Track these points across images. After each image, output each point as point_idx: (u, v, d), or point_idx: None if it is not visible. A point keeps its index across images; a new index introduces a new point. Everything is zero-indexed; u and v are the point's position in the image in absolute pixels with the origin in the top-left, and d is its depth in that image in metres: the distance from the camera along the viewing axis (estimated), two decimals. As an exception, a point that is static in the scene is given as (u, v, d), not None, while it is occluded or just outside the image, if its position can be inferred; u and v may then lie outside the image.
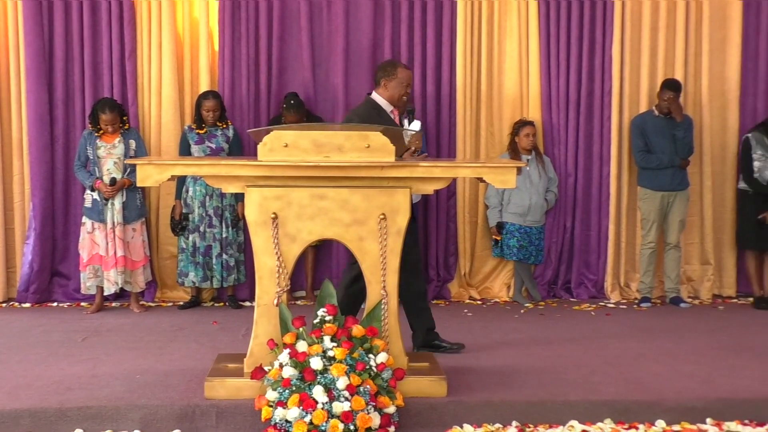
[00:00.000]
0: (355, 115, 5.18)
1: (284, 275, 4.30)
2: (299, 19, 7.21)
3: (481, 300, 7.34)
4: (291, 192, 4.30)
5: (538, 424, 4.24)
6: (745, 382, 4.68)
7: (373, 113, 5.11)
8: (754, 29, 7.51)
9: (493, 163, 4.48)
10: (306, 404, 3.86)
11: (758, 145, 7.05)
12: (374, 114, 5.10)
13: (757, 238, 7.16)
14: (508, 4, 7.32)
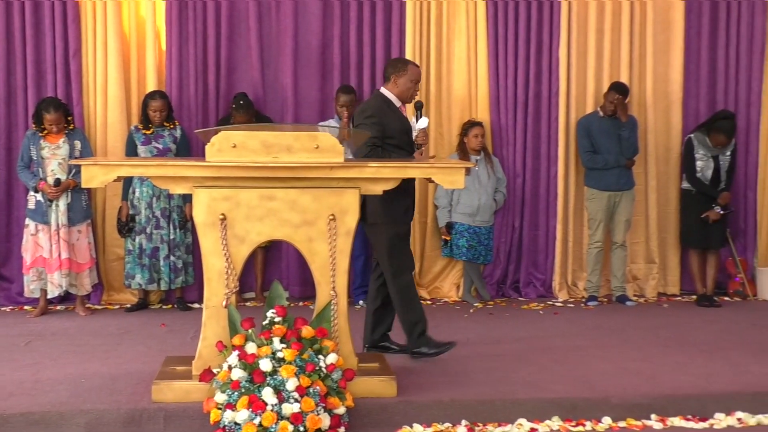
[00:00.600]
0: (368, 107, 5.15)
1: (233, 277, 4.27)
2: (248, 19, 7.17)
3: (430, 300, 7.36)
4: (239, 193, 4.27)
5: (488, 423, 4.27)
6: (689, 379, 4.77)
7: (384, 106, 5.13)
8: (695, 32, 7.66)
9: (441, 164, 4.51)
10: (255, 406, 3.84)
11: (700, 145, 7.18)
12: (385, 108, 5.12)
13: (700, 237, 7.29)
14: (457, 5, 7.36)
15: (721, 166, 7.22)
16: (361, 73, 7.27)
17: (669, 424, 4.30)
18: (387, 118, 5.08)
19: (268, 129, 4.79)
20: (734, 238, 7.62)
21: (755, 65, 7.68)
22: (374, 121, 5.02)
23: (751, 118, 7.70)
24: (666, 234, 7.71)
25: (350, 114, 6.83)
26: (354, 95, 6.89)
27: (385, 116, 5.07)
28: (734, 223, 7.66)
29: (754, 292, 7.61)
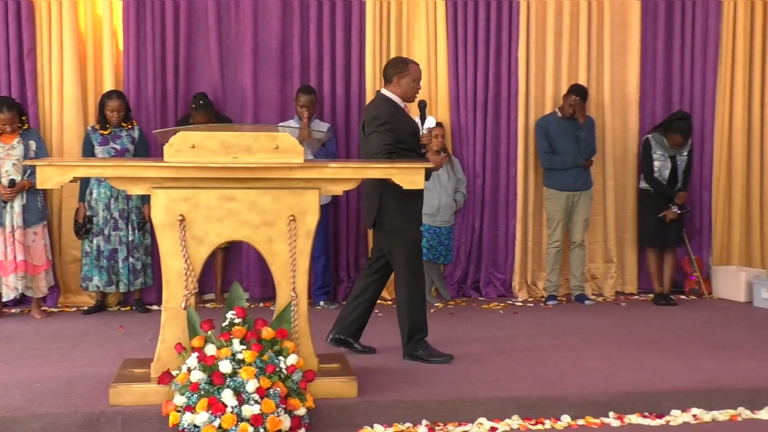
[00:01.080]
0: (381, 112, 5.05)
1: (192, 278, 4.24)
2: (207, 19, 7.12)
3: (391, 300, 7.34)
4: (198, 193, 4.24)
5: (448, 423, 4.28)
6: (646, 376, 4.83)
7: (392, 110, 5.08)
8: (651, 34, 7.76)
9: (401, 164, 4.51)
10: (215, 408, 3.81)
11: (658, 145, 7.28)
12: (395, 112, 5.08)
13: (658, 236, 7.39)
14: (417, 6, 7.38)
15: (678, 166, 7.32)
16: (321, 74, 7.26)
17: (626, 422, 4.35)
18: (398, 123, 5.03)
19: (228, 129, 4.76)
20: (690, 238, 7.74)
21: (709, 67, 7.81)
22: (388, 127, 4.97)
23: (706, 118, 7.83)
24: (624, 233, 7.80)
25: (310, 114, 6.81)
26: (314, 95, 6.87)
27: (396, 121, 5.02)
28: (690, 222, 7.78)
29: (709, 290, 7.73)
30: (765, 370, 4.99)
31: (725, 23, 7.78)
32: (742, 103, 7.84)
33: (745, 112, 7.85)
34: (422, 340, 5.12)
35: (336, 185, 4.40)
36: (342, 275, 7.35)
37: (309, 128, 6.65)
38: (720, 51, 7.80)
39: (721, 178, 7.88)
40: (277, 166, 4.24)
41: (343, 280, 7.33)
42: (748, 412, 4.47)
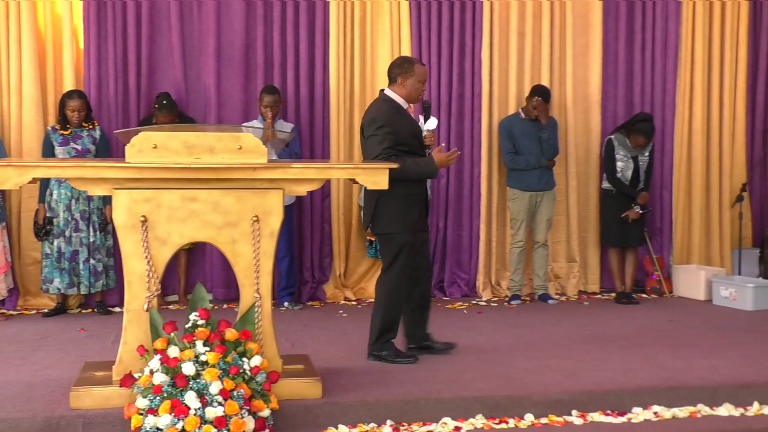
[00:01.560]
0: (379, 115, 5.02)
1: (154, 279, 4.20)
2: (169, 18, 7.07)
3: (356, 300, 7.37)
4: (161, 194, 4.21)
5: (412, 422, 4.29)
6: (608, 375, 4.88)
7: (393, 111, 5.03)
8: (613, 36, 7.84)
9: (365, 165, 4.51)
10: (178, 411, 3.77)
11: (620, 146, 7.35)
12: (394, 112, 5.03)
13: (620, 235, 7.46)
14: (381, 6, 7.39)
15: (640, 167, 7.40)
16: (285, 74, 7.23)
17: (589, 420, 4.39)
18: (398, 125, 4.98)
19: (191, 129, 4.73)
20: (651, 237, 7.83)
21: (669, 68, 7.91)
22: (386, 131, 4.93)
23: (666, 119, 7.92)
24: (586, 233, 7.87)
25: (274, 114, 6.79)
26: (278, 96, 6.85)
27: (396, 123, 4.97)
28: (651, 222, 7.87)
29: (670, 289, 7.82)
30: (724, 367, 5.06)
31: (684, 26, 7.88)
32: (701, 104, 7.94)
33: (704, 113, 7.96)
34: (389, 341, 5.12)
35: (300, 186, 4.38)
36: (306, 276, 7.33)
37: (273, 128, 6.63)
38: (680, 53, 7.91)
39: (681, 179, 7.98)
40: (241, 166, 4.22)
41: (308, 280, 7.32)
42: (707, 408, 4.53)
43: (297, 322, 6.34)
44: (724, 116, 8.01)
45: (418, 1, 7.40)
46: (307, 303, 7.21)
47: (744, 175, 8.10)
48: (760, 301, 7.10)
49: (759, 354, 5.43)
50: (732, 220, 8.02)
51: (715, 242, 8.06)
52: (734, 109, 8.05)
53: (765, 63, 8.15)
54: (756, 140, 8.23)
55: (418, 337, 5.31)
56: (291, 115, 7.23)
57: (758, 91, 8.19)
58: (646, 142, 7.33)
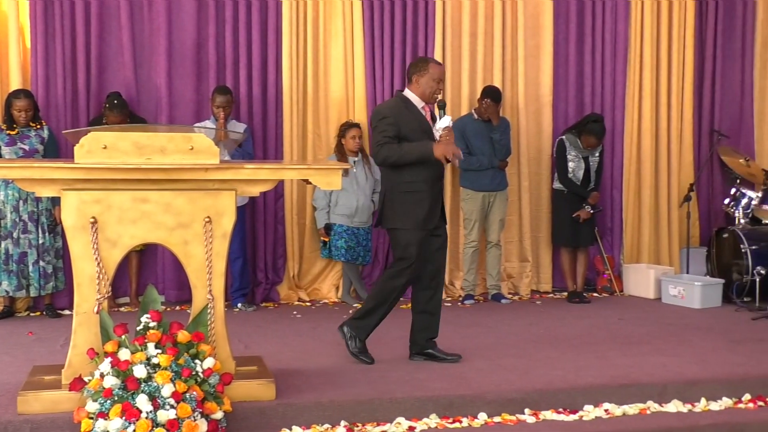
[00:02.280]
0: (383, 108, 5.05)
1: (105, 282, 4.15)
2: (119, 17, 6.98)
3: (310, 301, 7.35)
4: (111, 195, 4.16)
5: (366, 423, 4.30)
6: (560, 373, 4.93)
7: (401, 106, 5.02)
8: (564, 37, 7.93)
9: (318, 165, 4.51)
10: (129, 414, 3.73)
11: (572, 146, 7.43)
12: (402, 107, 5.02)
13: (571, 235, 7.54)
14: (334, 6, 7.38)
15: (591, 167, 7.49)
16: (237, 74, 7.19)
17: (541, 418, 4.43)
18: (403, 118, 4.97)
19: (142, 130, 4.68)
20: (602, 237, 7.93)
21: (619, 70, 8.01)
22: (389, 121, 4.94)
23: (616, 120, 8.03)
24: (538, 233, 7.95)
25: (227, 115, 6.75)
26: (230, 96, 6.81)
27: (400, 116, 4.96)
28: (601, 221, 7.97)
29: (620, 287, 7.93)
30: (672, 364, 5.15)
31: (633, 28, 8.00)
32: (650, 105, 8.07)
33: (653, 113, 8.09)
34: (360, 334, 5.11)
35: (252, 186, 4.36)
36: (260, 277, 7.29)
37: (225, 129, 6.58)
38: (629, 55, 8.02)
39: (630, 179, 8.09)
40: (192, 167, 4.19)
41: (261, 281, 7.28)
42: (656, 405, 4.61)
43: (250, 324, 6.31)
44: (672, 117, 8.15)
45: (371, 2, 7.40)
46: (260, 304, 7.17)
47: (691, 175, 8.25)
48: (708, 299, 7.23)
49: (706, 351, 5.53)
50: (680, 219, 8.16)
51: (664, 241, 8.19)
52: (681, 110, 8.19)
53: (711, 65, 8.30)
54: (703, 141, 8.38)
55: (420, 344, 5.25)
56: (244, 116, 7.18)
57: (704, 93, 8.34)
58: (597, 143, 7.42)
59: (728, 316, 6.84)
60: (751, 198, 7.74)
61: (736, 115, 8.47)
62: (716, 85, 8.35)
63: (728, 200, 7.95)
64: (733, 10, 8.34)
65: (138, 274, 7.06)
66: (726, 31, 8.33)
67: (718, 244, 7.76)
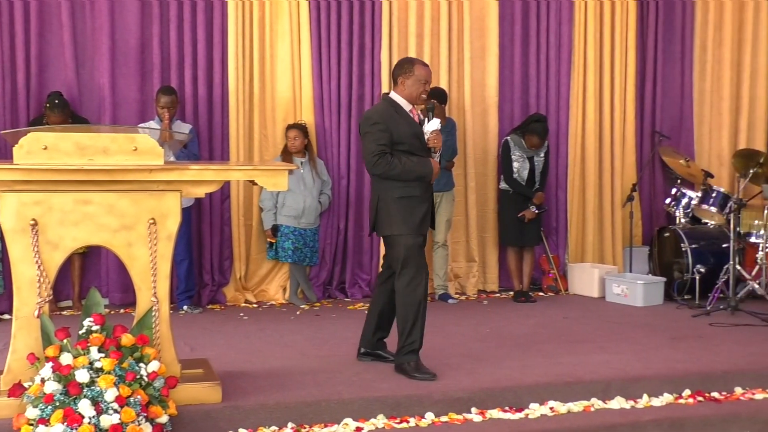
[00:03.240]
0: (374, 113, 4.94)
1: (46, 285, 4.07)
2: (60, 16, 6.86)
3: (257, 303, 7.31)
4: (52, 197, 4.08)
5: (314, 424, 4.28)
6: (506, 372, 4.97)
7: (391, 111, 4.91)
8: (509, 39, 8.01)
9: (264, 166, 4.48)
10: (71, 420, 3.66)
11: (516, 147, 7.50)
12: (392, 112, 4.91)
13: (517, 235, 7.61)
14: (280, 7, 7.34)
15: (536, 167, 7.57)
16: (182, 74, 7.12)
17: (488, 417, 4.46)
18: (394, 123, 4.86)
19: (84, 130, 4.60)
20: (547, 236, 8.03)
21: (563, 72, 8.12)
22: (380, 128, 4.82)
23: (561, 121, 8.13)
24: (485, 233, 8.01)
25: (171, 115, 6.67)
26: (175, 96, 6.73)
27: (391, 121, 4.85)
28: (547, 221, 8.06)
29: (565, 286, 8.04)
30: (616, 362, 5.23)
31: (577, 30, 8.11)
32: (594, 106, 8.19)
33: (596, 114, 8.21)
34: (413, 352, 4.93)
35: (198, 187, 4.32)
36: (206, 279, 7.22)
37: (170, 129, 6.51)
38: (573, 56, 8.13)
39: (575, 179, 8.20)
40: (136, 168, 4.13)
41: (208, 283, 7.21)
42: (600, 402, 4.67)
43: (196, 326, 6.24)
44: (615, 118, 8.28)
45: (317, 2, 7.39)
46: (207, 306, 7.10)
47: (634, 176, 8.39)
48: (650, 297, 7.36)
49: (648, 348, 5.63)
50: (623, 219, 8.29)
51: (608, 241, 8.31)
52: (624, 112, 8.32)
53: (652, 67, 8.45)
54: (645, 142, 8.53)
55: (372, 343, 5.22)
56: (189, 116, 7.11)
57: (646, 94, 8.49)
58: (541, 143, 7.50)
59: (669, 313, 6.97)
60: (691, 198, 7.90)
61: (677, 116, 8.65)
62: (657, 87, 8.51)
63: (669, 200, 8.12)
64: (673, 13, 8.51)
65: (81, 277, 6.95)
66: (666, 34, 8.50)
67: (659, 243, 7.92)
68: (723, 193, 7.65)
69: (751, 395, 4.88)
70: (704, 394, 4.84)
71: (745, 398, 4.85)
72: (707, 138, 8.65)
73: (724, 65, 8.55)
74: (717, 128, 8.62)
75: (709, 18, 8.53)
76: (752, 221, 7.44)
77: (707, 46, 8.56)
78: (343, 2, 7.45)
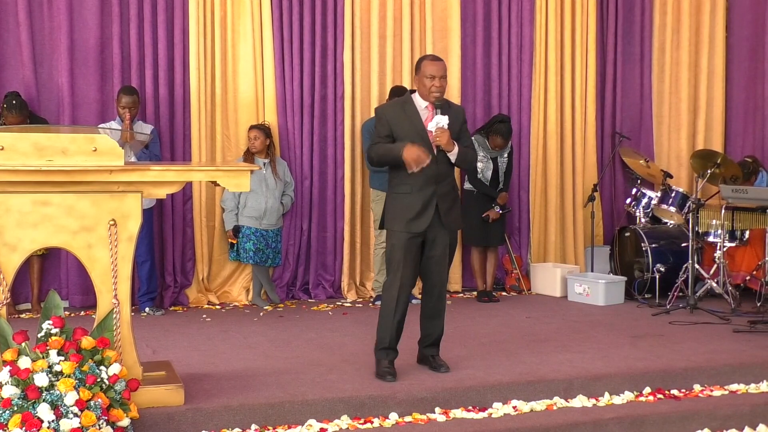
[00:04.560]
0: (380, 108, 5.08)
1: (3, 287, 4.01)
2: (16, 14, 6.77)
3: (220, 304, 7.26)
4: (10, 198, 4.02)
5: (278, 426, 4.27)
6: (470, 371, 4.99)
7: (398, 107, 4.98)
8: (471, 40, 8.05)
9: (226, 167, 4.45)
10: (29, 424, 3.61)
11: (480, 147, 7.53)
12: (398, 108, 4.97)
13: (481, 235, 7.64)
14: (242, 6, 7.31)
15: (500, 168, 7.61)
16: (143, 74, 7.05)
17: (452, 416, 4.47)
18: (396, 120, 4.86)
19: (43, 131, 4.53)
20: (510, 236, 8.07)
21: (525, 73, 8.18)
22: (381, 122, 4.92)
23: (523, 122, 8.19)
24: (448, 233, 8.01)
25: (133, 116, 6.61)
26: (137, 96, 6.66)
27: (394, 117, 4.88)
28: (510, 221, 8.11)
29: (528, 286, 8.09)
30: (578, 360, 5.27)
31: (538, 32, 8.18)
32: (555, 107, 8.26)
33: (558, 115, 8.28)
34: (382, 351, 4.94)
35: (159, 188, 4.28)
36: (168, 280, 7.16)
37: (131, 130, 6.44)
38: (534, 58, 8.19)
39: (537, 180, 8.26)
40: (96, 169, 4.08)
41: (170, 285, 7.15)
42: (562, 401, 4.71)
43: (159, 328, 6.19)
44: (576, 119, 8.35)
45: (279, 2, 7.36)
46: (169, 308, 7.04)
47: (595, 176, 8.47)
48: (611, 296, 7.44)
49: (609, 346, 5.69)
50: (585, 219, 8.37)
51: (570, 241, 8.39)
52: (585, 113, 8.40)
53: (612, 69, 8.55)
54: (605, 142, 8.62)
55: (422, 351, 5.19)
56: (150, 116, 7.05)
57: (606, 96, 8.58)
58: (504, 143, 7.54)
59: (630, 312, 7.05)
60: (651, 198, 8.00)
61: (636, 117, 8.76)
62: (617, 88, 8.61)
63: (630, 200, 8.21)
64: (632, 16, 8.61)
65: (40, 279, 6.85)
66: (626, 36, 8.60)
67: (620, 242, 8.01)
68: (682, 193, 7.76)
69: (710, 392, 4.96)
70: (664, 392, 4.90)
71: (703, 395, 4.92)
72: (666, 138, 8.76)
73: (681, 67, 8.68)
74: (676, 129, 8.74)
75: (667, 21, 8.65)
76: (710, 221, 7.55)
77: (665, 48, 8.68)
78: (305, 2, 7.43)
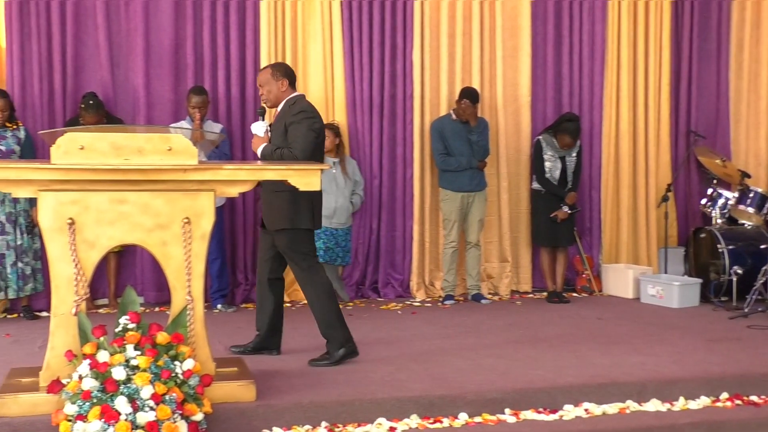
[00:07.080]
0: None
1: (83, 283, 4.11)
2: (95, 17, 6.93)
3: (290, 302, 7.32)
4: (88, 196, 4.12)
5: (347, 424, 4.28)
6: (540, 372, 4.94)
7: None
8: (542, 38, 7.96)
9: (297, 166, 4.49)
10: (108, 416, 3.70)
11: (548, 146, 7.46)
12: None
13: (550, 235, 7.57)
14: (312, 7, 7.36)
15: (568, 167, 7.52)
16: (215, 74, 7.16)
17: (522, 418, 4.44)
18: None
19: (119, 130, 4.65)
20: (581, 237, 7.97)
21: (596, 71, 8.05)
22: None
23: (594, 120, 8.07)
24: (518, 233, 7.96)
25: (202, 115, 6.71)
26: (206, 96, 6.77)
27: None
28: (580, 221, 8.00)
29: (599, 287, 7.97)
30: (651, 363, 5.18)
31: (610, 29, 8.04)
32: (627, 105, 8.11)
33: (630, 114, 8.13)
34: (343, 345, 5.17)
35: (231, 187, 4.35)
36: (239, 278, 7.26)
37: (201, 129, 6.55)
38: (606, 55, 8.06)
39: (609, 179, 8.13)
40: (171, 168, 4.16)
41: (241, 282, 7.25)
42: (635, 404, 4.63)
43: (231, 325, 6.28)
44: (650, 118, 8.19)
45: (349, 3, 7.40)
46: (240, 305, 7.14)
47: (669, 176, 8.30)
48: (685, 299, 7.28)
49: (684, 350, 5.57)
50: (658, 219, 8.20)
51: (642, 241, 8.23)
52: (659, 111, 8.24)
53: (687, 66, 8.36)
54: (680, 141, 8.44)
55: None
56: (222, 116, 7.15)
57: (681, 93, 8.39)
58: (572, 142, 7.45)
59: (706, 315, 6.89)
60: (727, 198, 7.81)
61: (712, 115, 8.54)
62: (692, 86, 8.42)
63: (705, 200, 8.01)
64: (709, 11, 8.41)
65: (116, 276, 7.02)
66: (702, 32, 8.40)
67: (695, 244, 7.82)
68: (761, 194, 7.55)
69: (791, 398, 4.82)
70: (742, 398, 4.78)
71: (784, 401, 4.79)
72: (744, 137, 8.53)
73: (761, 64, 8.43)
74: (754, 127, 8.50)
75: (746, 16, 8.42)
76: (790, 222, 7.34)
77: (744, 45, 8.45)
78: (374, 2, 7.45)
